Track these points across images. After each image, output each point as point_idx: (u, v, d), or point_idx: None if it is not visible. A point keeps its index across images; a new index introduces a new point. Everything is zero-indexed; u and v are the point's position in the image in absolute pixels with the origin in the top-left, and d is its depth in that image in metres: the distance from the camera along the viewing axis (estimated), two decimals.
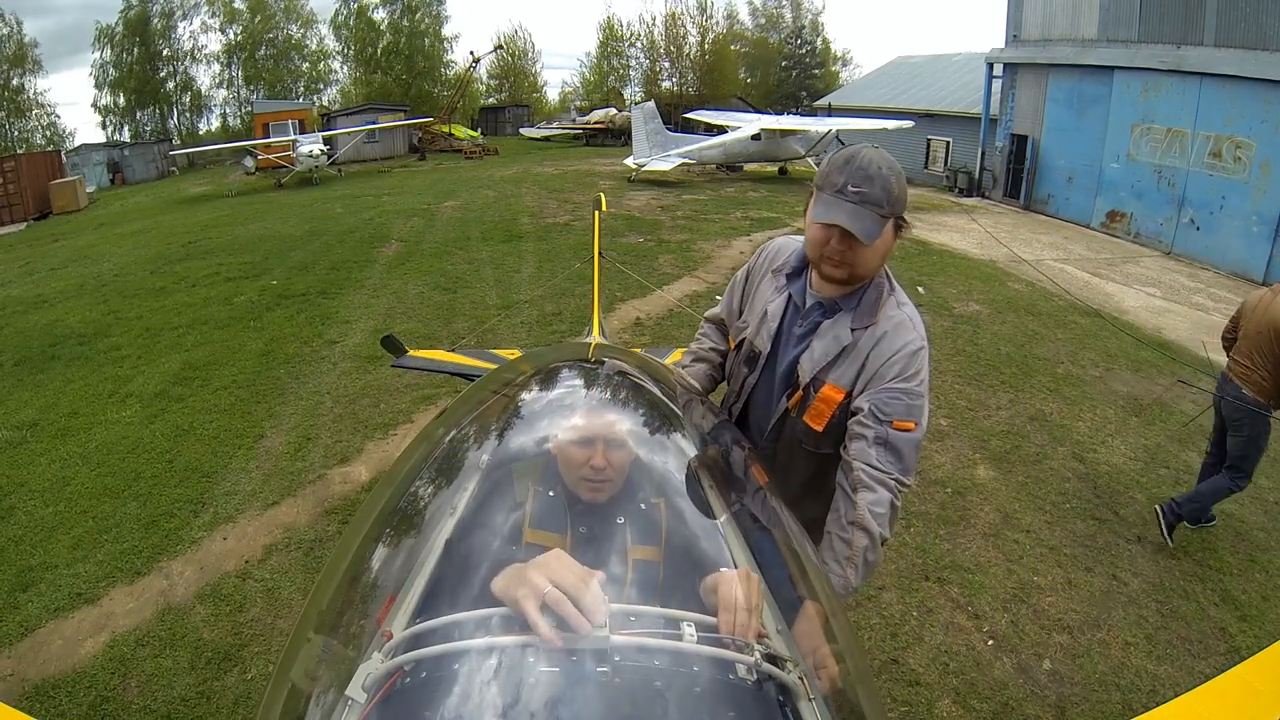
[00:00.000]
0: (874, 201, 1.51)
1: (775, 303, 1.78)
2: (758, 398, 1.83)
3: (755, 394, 1.83)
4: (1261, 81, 9.98)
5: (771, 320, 1.77)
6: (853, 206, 1.52)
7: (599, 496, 1.33)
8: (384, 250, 10.61)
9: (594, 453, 1.33)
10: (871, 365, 1.60)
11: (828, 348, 1.65)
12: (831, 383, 1.64)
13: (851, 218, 1.51)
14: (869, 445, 1.56)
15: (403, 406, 5.44)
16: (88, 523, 4.12)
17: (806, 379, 1.67)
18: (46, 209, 20.63)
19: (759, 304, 1.83)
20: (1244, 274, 10.34)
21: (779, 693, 1.04)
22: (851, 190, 1.52)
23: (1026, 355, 6.57)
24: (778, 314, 1.77)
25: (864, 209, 1.51)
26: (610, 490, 1.35)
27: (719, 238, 11.25)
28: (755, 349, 1.80)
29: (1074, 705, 2.87)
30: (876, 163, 1.53)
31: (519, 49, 42.35)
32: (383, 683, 1.00)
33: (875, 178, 1.52)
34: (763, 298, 1.83)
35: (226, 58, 36.40)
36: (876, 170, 1.52)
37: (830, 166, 1.57)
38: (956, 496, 4.30)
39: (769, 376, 1.79)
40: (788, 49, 42.03)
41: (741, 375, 1.84)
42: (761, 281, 1.86)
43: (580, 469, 1.33)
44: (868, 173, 1.52)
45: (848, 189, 1.52)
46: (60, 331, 7.63)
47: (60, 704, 2.91)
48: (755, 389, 1.83)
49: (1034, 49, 14.74)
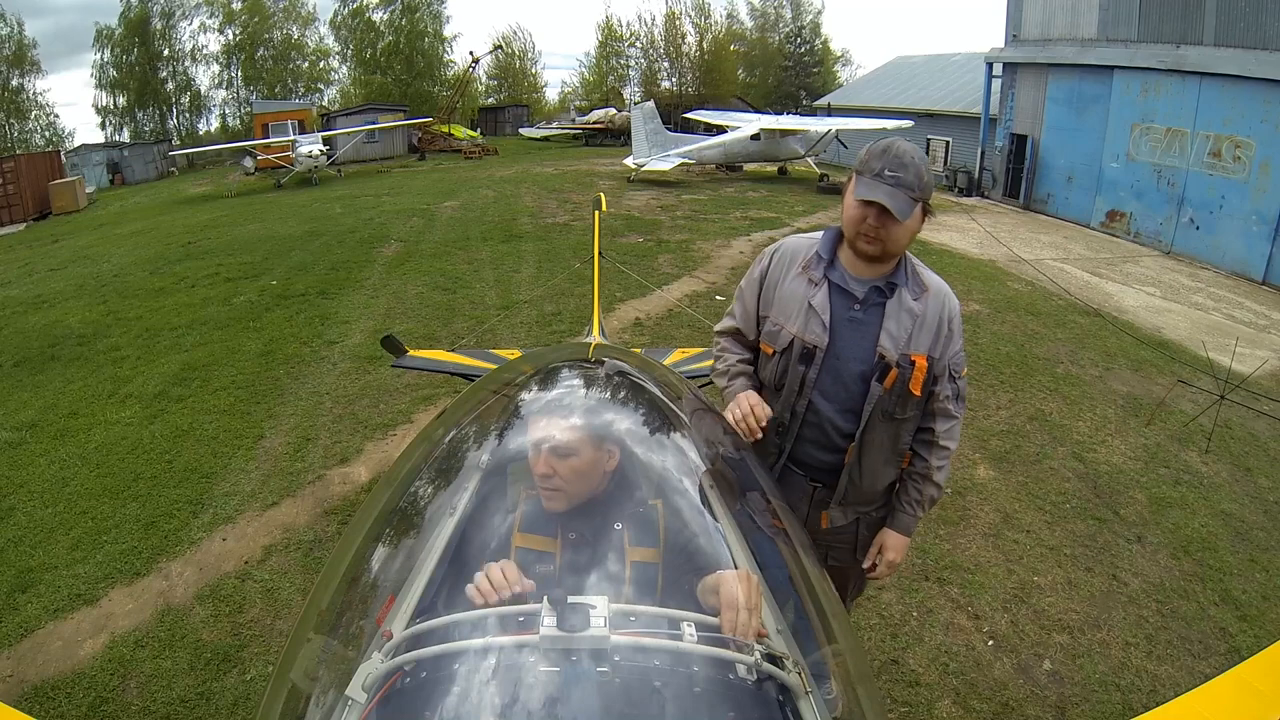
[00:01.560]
0: (907, 185, 1.70)
1: (818, 295, 1.84)
2: (825, 388, 1.87)
3: (820, 385, 1.87)
4: (1261, 81, 9.98)
5: (821, 312, 1.83)
6: (889, 188, 1.69)
7: (554, 505, 1.32)
8: (383, 250, 10.61)
9: (540, 460, 1.33)
10: (941, 328, 1.84)
11: (903, 323, 1.81)
12: (915, 352, 1.81)
13: (889, 197, 1.69)
14: (950, 401, 1.90)
15: (402, 407, 5.44)
16: (87, 523, 4.12)
17: (895, 357, 1.80)
18: (46, 209, 20.60)
19: (791, 302, 1.88)
20: (1244, 274, 10.34)
21: (779, 692, 1.04)
22: (888, 174, 1.70)
23: (1026, 355, 6.57)
24: (825, 305, 1.83)
25: (899, 190, 1.69)
26: (566, 500, 1.32)
27: (718, 238, 11.25)
28: (809, 344, 1.84)
29: (1074, 705, 2.87)
30: (910, 153, 1.73)
31: (518, 49, 42.35)
32: (383, 683, 1.00)
33: (909, 165, 1.70)
34: (795, 295, 1.88)
35: (226, 58, 36.37)
36: (910, 159, 1.71)
37: (869, 154, 1.76)
38: (956, 496, 4.30)
39: (833, 365, 1.85)
40: (787, 49, 42.02)
41: (799, 373, 1.87)
42: (786, 281, 1.91)
43: (536, 474, 1.33)
44: (902, 160, 1.70)
45: (885, 173, 1.70)
46: (60, 332, 7.62)
47: (59, 705, 2.90)
48: (819, 381, 1.86)
49: (1034, 49, 14.74)
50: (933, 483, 1.96)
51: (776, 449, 1.95)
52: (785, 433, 1.92)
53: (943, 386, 1.87)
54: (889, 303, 1.81)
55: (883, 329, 1.80)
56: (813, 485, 1.98)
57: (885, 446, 1.89)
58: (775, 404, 1.91)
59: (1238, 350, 6.20)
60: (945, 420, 1.92)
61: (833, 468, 1.94)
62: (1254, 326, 8.10)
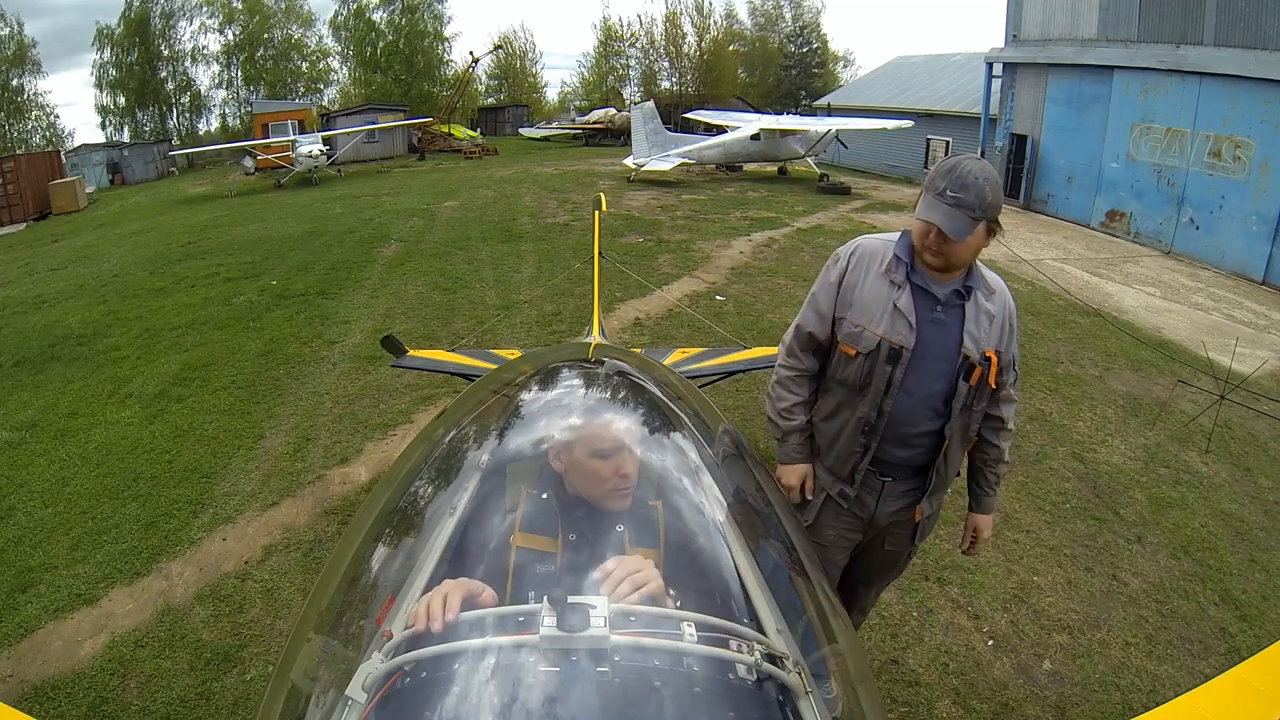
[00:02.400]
0: (968, 206, 1.75)
1: (902, 297, 1.91)
2: (911, 386, 1.93)
3: (907, 383, 1.93)
4: (1261, 81, 9.97)
5: (907, 313, 1.90)
6: (948, 209, 1.76)
7: (623, 504, 1.34)
8: (383, 250, 10.61)
9: (622, 462, 1.33)
10: (1005, 325, 1.98)
11: (982, 324, 1.92)
12: (990, 349, 1.93)
13: (946, 219, 1.76)
14: (1011, 388, 2.06)
15: (402, 407, 5.44)
16: (87, 523, 4.12)
17: (977, 356, 1.90)
18: (46, 209, 20.61)
19: (874, 304, 1.94)
20: (1244, 274, 10.34)
21: (779, 692, 1.04)
22: (950, 195, 1.76)
23: (1026, 355, 6.57)
24: (910, 306, 1.90)
25: (958, 211, 1.76)
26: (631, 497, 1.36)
27: (718, 237, 11.25)
28: (896, 344, 1.90)
29: (1074, 705, 2.87)
30: (975, 173, 1.77)
31: (519, 49, 42.34)
32: (383, 683, 1.00)
33: (971, 186, 1.75)
34: (878, 296, 1.94)
35: (226, 58, 36.38)
36: (974, 180, 1.76)
37: (937, 171, 1.83)
38: (957, 496, 4.28)
39: (920, 363, 1.92)
40: (788, 49, 42.01)
41: (886, 373, 1.93)
42: (867, 282, 1.95)
43: (608, 480, 1.33)
44: (965, 181, 1.75)
45: (946, 193, 1.76)
46: (60, 332, 7.62)
47: (59, 705, 2.90)
48: (906, 379, 1.93)
49: (1033, 49, 14.73)
50: (1005, 463, 2.17)
51: (862, 448, 2.00)
52: (871, 431, 1.97)
53: (1007, 376, 2.02)
54: (967, 305, 1.92)
55: (964, 330, 1.91)
56: (882, 480, 2.04)
57: (962, 437, 2.02)
58: (860, 404, 1.97)
59: (1238, 350, 6.20)
60: (1009, 405, 2.09)
61: (905, 462, 2.02)
62: (1254, 326, 8.10)
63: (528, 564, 1.22)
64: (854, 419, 1.99)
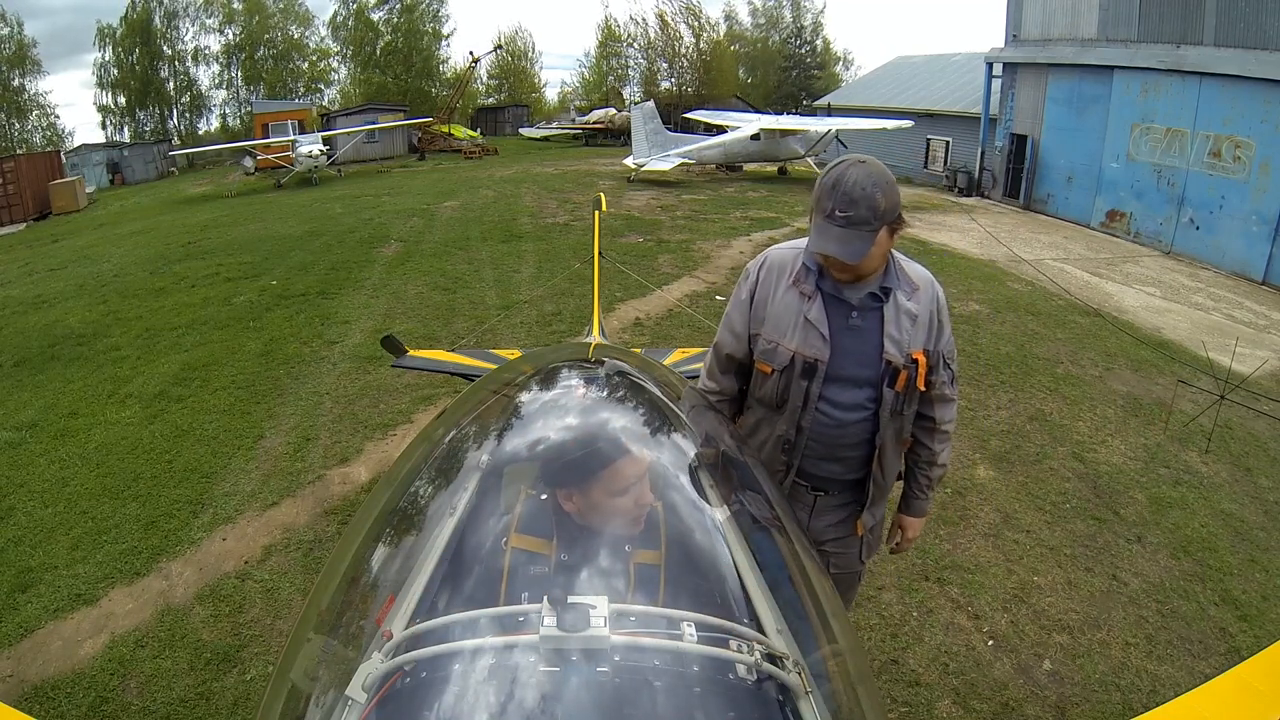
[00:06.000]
0: (860, 221, 1.63)
1: (813, 308, 1.81)
2: (831, 397, 1.85)
3: (828, 396, 1.85)
4: (1261, 81, 9.97)
5: (819, 325, 1.80)
6: (839, 230, 1.64)
7: (640, 527, 1.30)
8: (383, 250, 10.61)
9: (642, 491, 1.31)
10: (932, 321, 1.85)
11: (904, 325, 1.81)
12: (917, 350, 1.82)
13: (840, 244, 1.65)
14: (945, 386, 1.93)
15: (402, 407, 5.44)
16: (87, 523, 4.12)
17: (902, 360, 1.80)
18: (46, 209, 20.61)
19: (785, 317, 1.84)
20: (1244, 274, 10.34)
21: (779, 692, 1.04)
22: (839, 215, 1.64)
23: (1026, 355, 6.57)
24: (822, 317, 1.80)
25: (850, 231, 1.64)
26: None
27: (719, 238, 11.25)
28: (810, 358, 1.81)
29: (1074, 705, 2.87)
30: (861, 182, 1.63)
31: (518, 49, 42.33)
32: (383, 683, 1.00)
33: (860, 199, 1.63)
34: (789, 309, 1.84)
35: (226, 58, 36.37)
36: (861, 191, 1.63)
37: (821, 191, 1.69)
38: (956, 496, 4.30)
39: (839, 374, 1.83)
40: (788, 49, 42.00)
41: (803, 388, 1.84)
42: (777, 296, 1.86)
43: (630, 512, 1.30)
44: (852, 196, 1.63)
45: (835, 214, 1.64)
46: (60, 332, 7.62)
47: (59, 705, 2.90)
48: (825, 392, 1.84)
49: (1033, 49, 14.74)
50: (938, 465, 2.04)
51: (784, 466, 1.93)
52: (792, 449, 1.90)
53: (939, 374, 1.89)
54: (886, 307, 1.80)
55: (885, 335, 1.79)
56: (815, 494, 1.97)
57: (895, 442, 1.92)
58: (778, 421, 1.89)
59: (1238, 350, 6.19)
60: (944, 405, 1.96)
61: (838, 476, 1.94)
62: (1254, 326, 8.10)
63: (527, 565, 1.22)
64: (773, 437, 1.91)
